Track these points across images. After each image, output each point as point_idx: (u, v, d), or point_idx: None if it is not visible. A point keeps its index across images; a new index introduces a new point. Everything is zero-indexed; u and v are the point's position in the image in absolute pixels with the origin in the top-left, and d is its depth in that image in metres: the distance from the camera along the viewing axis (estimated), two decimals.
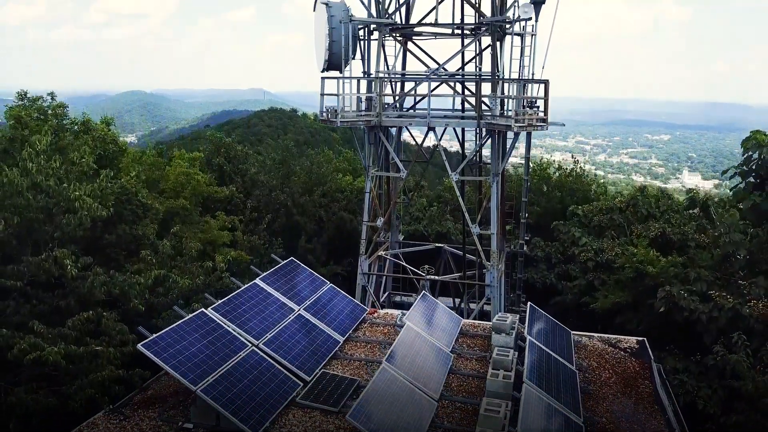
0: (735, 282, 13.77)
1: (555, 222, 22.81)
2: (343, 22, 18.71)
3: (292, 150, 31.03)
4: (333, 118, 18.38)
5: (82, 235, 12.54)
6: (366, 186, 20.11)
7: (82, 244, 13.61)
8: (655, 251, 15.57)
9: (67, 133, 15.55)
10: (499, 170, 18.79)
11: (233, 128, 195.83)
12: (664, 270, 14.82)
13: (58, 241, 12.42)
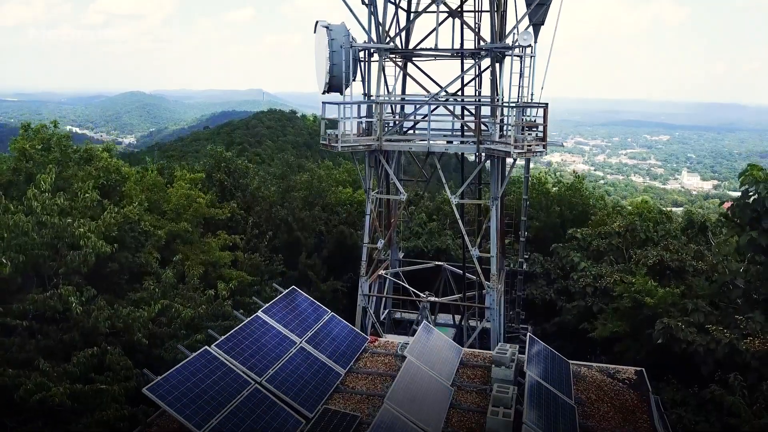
0: (732, 314, 13.91)
1: (554, 245, 22.96)
2: (343, 47, 18.84)
3: (293, 164, 31.11)
4: (334, 143, 18.50)
5: (86, 271, 12.67)
6: (366, 208, 20.24)
7: (85, 273, 13.73)
8: (653, 280, 15.72)
9: (71, 162, 15.67)
10: (498, 194, 18.93)
11: (232, 130, 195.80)
12: (661, 300, 14.98)
13: (63, 276, 12.55)
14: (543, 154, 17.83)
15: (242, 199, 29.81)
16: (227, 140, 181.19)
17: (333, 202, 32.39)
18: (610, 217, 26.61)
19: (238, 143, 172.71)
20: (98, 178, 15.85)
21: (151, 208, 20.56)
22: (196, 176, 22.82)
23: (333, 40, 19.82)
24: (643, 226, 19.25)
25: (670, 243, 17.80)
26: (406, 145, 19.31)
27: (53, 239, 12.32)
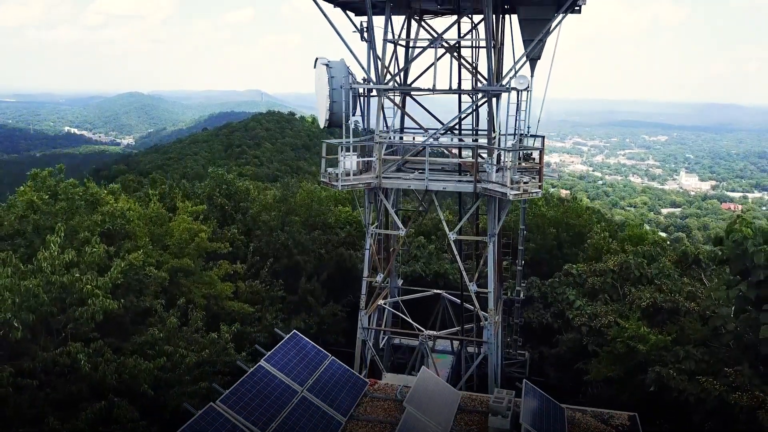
0: (723, 359, 14.28)
1: (551, 279, 23.36)
2: (343, 87, 19.19)
3: (293, 188, 31.46)
4: (334, 181, 18.85)
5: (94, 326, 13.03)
6: (366, 243, 20.58)
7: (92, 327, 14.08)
8: (646, 323, 16.08)
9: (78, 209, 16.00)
10: (495, 231, 19.28)
11: (231, 132, 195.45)
12: (653, 347, 15.35)
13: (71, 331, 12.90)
14: (538, 195, 18.18)
15: (242, 221, 30.19)
16: (226, 142, 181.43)
17: (332, 222, 32.76)
18: (606, 242, 26.97)
19: (237, 145, 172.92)
20: (104, 223, 16.19)
21: (154, 240, 20.91)
22: (198, 208, 23.13)
23: (333, 78, 20.22)
24: (637, 262, 19.63)
25: (663, 283, 18.19)
26: (404, 183, 19.64)
27: (61, 294, 12.66)
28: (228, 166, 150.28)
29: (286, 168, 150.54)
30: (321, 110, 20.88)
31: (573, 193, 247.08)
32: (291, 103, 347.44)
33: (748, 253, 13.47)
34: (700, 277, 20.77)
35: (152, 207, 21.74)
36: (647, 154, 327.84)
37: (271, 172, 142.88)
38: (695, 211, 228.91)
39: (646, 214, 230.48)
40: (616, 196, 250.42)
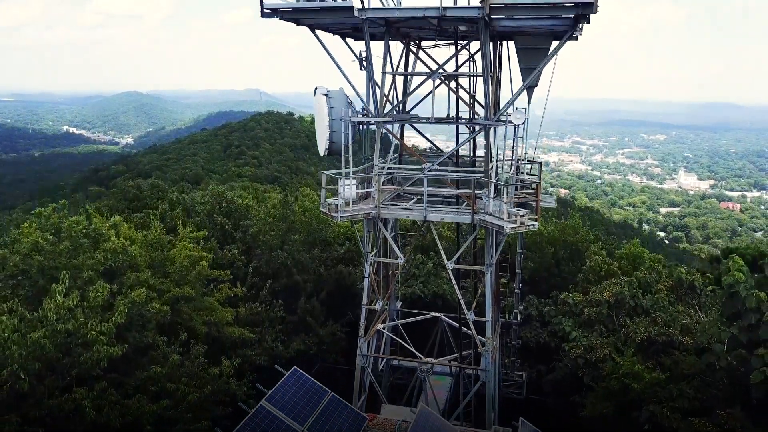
0: (716, 398, 14.54)
1: (547, 307, 23.64)
2: (343, 119, 19.40)
3: (293, 206, 31.67)
4: (334, 212, 19.08)
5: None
6: (365, 271, 20.81)
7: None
8: (640, 359, 16.34)
9: (81, 247, 16.23)
10: (492, 261, 19.51)
11: (230, 132, 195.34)
12: (648, 385, 15.61)
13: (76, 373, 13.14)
14: (535, 227, 18.41)
15: (242, 240, 30.42)
16: (225, 143, 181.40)
17: (332, 238, 33.00)
18: (604, 262, 27.22)
19: (236, 146, 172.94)
20: (107, 260, 16.42)
21: (154, 267, 21.14)
22: (199, 234, 23.36)
23: (332, 108, 20.43)
24: (632, 292, 19.90)
25: (658, 315, 18.46)
26: (403, 213, 19.86)
27: (66, 339, 12.90)
28: (227, 166, 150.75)
29: (285, 168, 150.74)
30: (321, 139, 21.07)
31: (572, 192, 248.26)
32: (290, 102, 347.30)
33: (740, 296, 13.73)
34: (694, 303, 21.04)
35: (153, 233, 21.94)
36: (646, 153, 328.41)
37: (270, 173, 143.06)
38: (694, 210, 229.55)
39: (644, 213, 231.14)
40: (614, 196, 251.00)
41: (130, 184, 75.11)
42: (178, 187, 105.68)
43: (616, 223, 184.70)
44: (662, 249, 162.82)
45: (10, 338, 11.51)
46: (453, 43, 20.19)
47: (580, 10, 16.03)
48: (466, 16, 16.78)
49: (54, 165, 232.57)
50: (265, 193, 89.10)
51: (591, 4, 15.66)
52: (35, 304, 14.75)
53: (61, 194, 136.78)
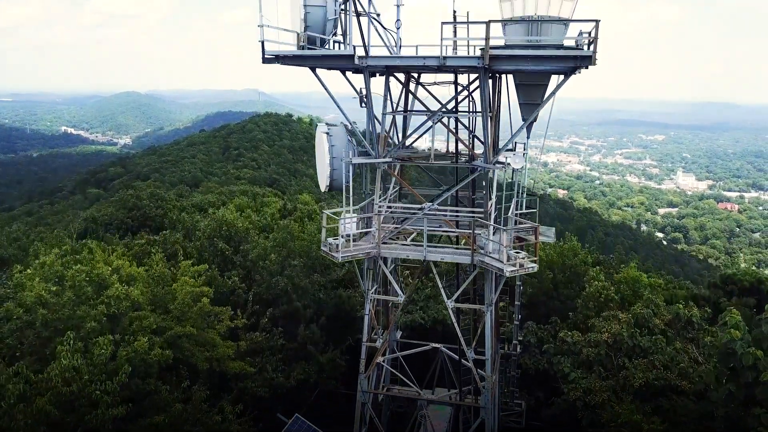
0: None
1: (546, 345, 23.80)
2: (343, 161, 19.52)
3: (293, 231, 31.80)
4: (335, 252, 19.20)
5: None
6: (365, 308, 20.95)
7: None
8: (638, 403, 16.48)
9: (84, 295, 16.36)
10: (492, 300, 19.66)
11: (228, 134, 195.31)
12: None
13: None
14: (534, 269, 18.54)
15: (242, 264, 30.56)
16: (223, 145, 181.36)
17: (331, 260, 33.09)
18: (604, 289, 27.39)
19: (235, 148, 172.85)
20: (110, 307, 16.54)
21: (156, 303, 21.28)
22: (200, 268, 23.50)
23: (333, 147, 20.57)
24: (630, 332, 20.05)
25: (656, 358, 18.63)
26: (403, 252, 19.99)
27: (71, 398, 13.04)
28: (225, 169, 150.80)
29: (283, 171, 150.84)
30: (322, 175, 21.21)
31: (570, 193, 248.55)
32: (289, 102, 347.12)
33: (736, 353, 13.88)
34: (693, 336, 21.20)
35: (154, 267, 22.07)
36: (644, 154, 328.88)
37: (268, 175, 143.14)
38: (692, 211, 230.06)
39: (643, 214, 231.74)
40: (613, 196, 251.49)
41: (129, 192, 75.41)
42: (176, 190, 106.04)
43: (615, 224, 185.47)
44: (660, 250, 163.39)
45: (15, 407, 11.66)
46: (453, 82, 20.31)
47: (579, 62, 16.20)
48: (467, 66, 16.92)
49: (52, 166, 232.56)
50: (264, 198, 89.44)
51: (589, 57, 15.82)
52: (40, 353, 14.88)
53: (60, 196, 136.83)
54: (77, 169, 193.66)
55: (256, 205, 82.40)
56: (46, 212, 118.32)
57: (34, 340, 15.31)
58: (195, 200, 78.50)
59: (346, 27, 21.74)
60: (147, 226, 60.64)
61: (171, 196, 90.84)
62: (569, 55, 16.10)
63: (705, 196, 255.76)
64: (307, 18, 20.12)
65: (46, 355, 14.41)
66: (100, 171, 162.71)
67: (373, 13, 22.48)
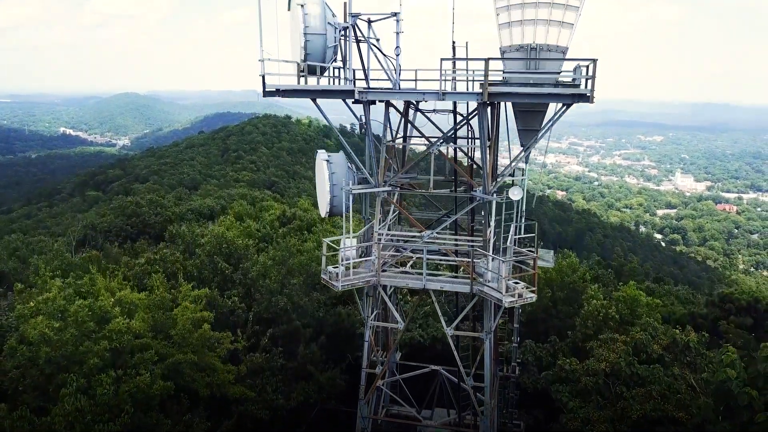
0: None
1: (545, 372, 23.94)
2: (343, 189, 19.63)
3: (292, 249, 31.91)
4: (335, 281, 19.32)
5: None
6: (365, 335, 21.07)
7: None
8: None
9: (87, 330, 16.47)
10: (491, 328, 19.79)
11: (227, 136, 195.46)
12: None
13: None
14: (533, 299, 18.67)
15: (242, 282, 30.65)
16: (222, 147, 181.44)
17: None
18: (603, 307, 27.54)
19: (234, 150, 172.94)
20: (112, 341, 16.65)
21: (157, 329, 21.38)
22: (201, 292, 23.61)
23: (333, 174, 20.71)
24: (628, 361, 20.19)
25: (654, 389, 18.76)
26: (403, 281, 20.11)
27: None
28: (224, 171, 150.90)
29: (282, 173, 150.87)
30: (322, 202, 21.33)
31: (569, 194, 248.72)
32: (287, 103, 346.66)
33: (732, 393, 14.01)
34: (690, 361, 21.33)
35: (156, 293, 22.18)
36: (643, 155, 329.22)
37: (267, 177, 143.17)
38: (690, 212, 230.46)
39: (641, 215, 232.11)
40: (611, 197, 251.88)
41: (129, 200, 75.41)
42: (175, 193, 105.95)
43: (613, 226, 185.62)
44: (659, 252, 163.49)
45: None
46: (452, 110, 20.43)
47: (577, 99, 16.33)
48: (466, 102, 17.04)
49: (51, 167, 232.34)
50: (263, 202, 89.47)
51: (588, 96, 15.95)
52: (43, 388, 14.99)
53: (58, 198, 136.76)
54: (76, 170, 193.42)
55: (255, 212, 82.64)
56: (44, 215, 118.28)
57: (38, 376, 15.42)
58: (194, 205, 78.59)
59: (346, 54, 21.96)
60: (146, 233, 60.84)
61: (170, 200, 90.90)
62: (567, 93, 16.22)
63: (703, 198, 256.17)
64: (307, 46, 20.30)
65: (49, 391, 14.51)
66: (98, 173, 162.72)
67: (372, 38, 22.66)
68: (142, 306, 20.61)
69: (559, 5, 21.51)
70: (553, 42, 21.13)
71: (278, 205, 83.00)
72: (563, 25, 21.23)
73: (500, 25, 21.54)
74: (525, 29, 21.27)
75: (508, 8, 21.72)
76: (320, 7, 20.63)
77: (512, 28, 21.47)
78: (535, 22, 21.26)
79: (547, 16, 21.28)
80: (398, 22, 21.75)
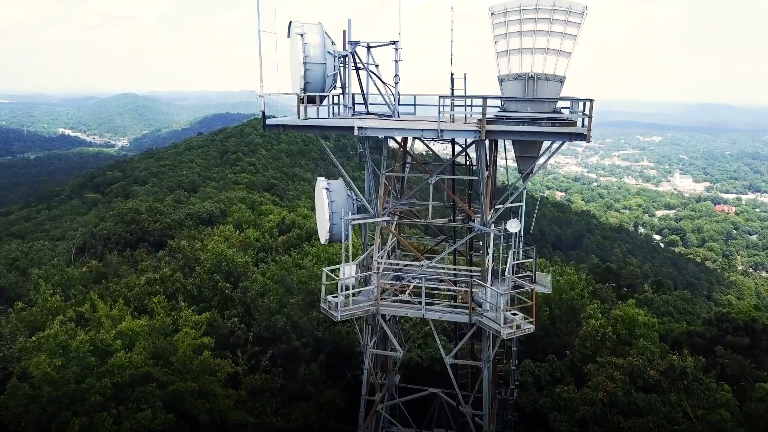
0: None
1: (543, 400, 24.09)
2: (343, 219, 19.77)
3: (291, 268, 32.02)
4: (334, 311, 19.46)
5: None
6: (365, 362, 21.21)
7: None
8: None
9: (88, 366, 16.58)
10: (489, 357, 19.94)
11: (226, 138, 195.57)
12: None
13: None
14: (531, 330, 18.80)
15: (242, 300, 30.75)
16: (221, 148, 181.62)
17: None
18: (601, 327, 27.72)
19: (233, 152, 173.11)
20: (113, 377, 16.77)
21: (158, 356, 21.50)
22: (201, 317, 23.74)
23: (333, 202, 20.88)
24: (625, 389, 20.34)
25: (651, 420, 18.91)
26: (402, 310, 20.25)
27: None
28: (223, 173, 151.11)
29: (281, 175, 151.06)
30: (322, 229, 21.49)
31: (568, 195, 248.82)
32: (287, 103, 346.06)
33: None
34: (687, 386, 21.47)
35: (156, 318, 22.31)
36: (641, 155, 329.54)
37: (266, 179, 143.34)
38: (689, 213, 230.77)
39: (640, 216, 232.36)
40: (610, 198, 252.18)
41: (128, 206, 75.44)
42: (174, 196, 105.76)
43: (612, 228, 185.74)
44: (658, 254, 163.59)
45: None
46: (450, 140, 20.56)
47: (574, 138, 16.47)
48: (464, 138, 17.17)
49: (50, 168, 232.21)
50: (262, 206, 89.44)
51: (584, 135, 16.08)
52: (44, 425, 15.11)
53: (57, 200, 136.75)
54: (75, 172, 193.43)
55: (254, 216, 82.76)
56: (43, 217, 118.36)
57: (40, 413, 15.54)
58: (193, 209, 78.68)
59: (346, 81, 22.15)
60: (145, 240, 60.96)
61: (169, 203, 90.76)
62: (564, 132, 16.36)
63: (702, 198, 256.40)
64: (306, 75, 20.49)
65: (51, 429, 14.62)
66: (97, 175, 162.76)
67: (372, 63, 22.82)
68: (143, 334, 20.71)
69: (556, 34, 21.71)
70: (551, 71, 21.30)
71: (277, 210, 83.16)
72: (561, 53, 21.40)
73: (498, 53, 21.69)
74: (523, 58, 21.45)
75: (506, 36, 21.91)
76: (320, 36, 20.81)
77: (510, 56, 21.62)
78: (533, 50, 21.46)
79: (545, 45, 21.47)
80: (397, 51, 21.96)
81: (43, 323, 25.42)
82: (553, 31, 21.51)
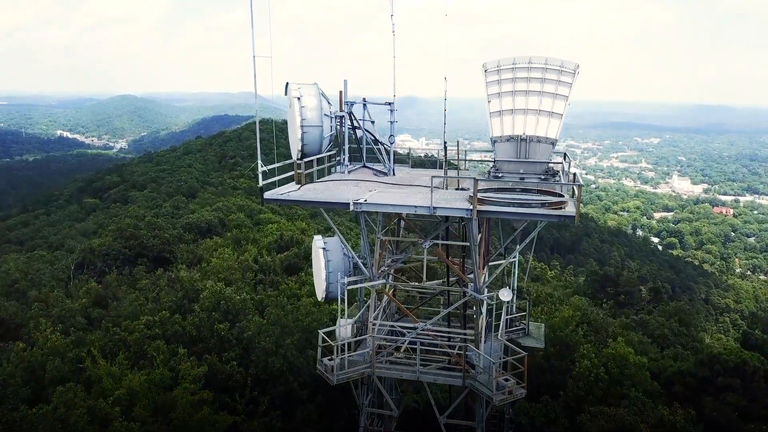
0: None
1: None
2: (338, 282, 20.13)
3: (286, 308, 32.38)
4: (330, 374, 19.84)
5: None
6: (360, 421, 21.59)
7: None
8: None
9: None
10: (483, 417, 20.31)
11: (225, 141, 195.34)
12: None
13: None
14: (523, 395, 19.17)
15: (239, 340, 31.08)
16: (219, 153, 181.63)
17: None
18: (594, 367, 28.16)
19: (231, 156, 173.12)
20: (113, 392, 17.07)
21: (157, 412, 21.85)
22: (200, 370, 24.10)
23: (329, 262, 21.34)
24: None
25: None
26: (397, 373, 20.60)
27: None
28: (222, 178, 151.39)
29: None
30: (319, 287, 21.92)
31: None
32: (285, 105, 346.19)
33: None
34: None
35: (156, 372, 22.66)
36: (640, 157, 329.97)
37: None
38: (687, 215, 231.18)
39: (638, 218, 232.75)
40: (608, 200, 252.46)
41: (126, 221, 75.61)
42: (173, 202, 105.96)
43: (611, 230, 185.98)
44: (656, 257, 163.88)
45: None
46: None
47: (563, 219, 16.84)
48: (456, 216, 17.53)
49: (48, 171, 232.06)
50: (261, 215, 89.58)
51: (573, 217, 16.43)
52: None
53: (56, 205, 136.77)
54: (73, 174, 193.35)
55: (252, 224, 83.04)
56: (42, 223, 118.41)
57: None
58: (192, 219, 78.99)
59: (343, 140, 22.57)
60: (144, 256, 61.25)
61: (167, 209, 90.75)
62: (554, 214, 16.72)
63: (700, 200, 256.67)
64: (304, 137, 20.94)
65: None
66: (96, 179, 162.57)
67: (368, 119, 23.21)
68: (143, 392, 21.06)
69: (548, 94, 22.12)
70: (543, 134, 21.73)
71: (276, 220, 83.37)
72: (552, 115, 21.83)
73: (491, 113, 22.11)
74: (515, 118, 21.87)
75: (500, 95, 22.33)
76: (316, 99, 21.24)
77: (503, 117, 22.03)
78: (525, 111, 21.90)
79: (537, 106, 21.90)
80: (392, 112, 22.39)
81: (44, 362, 25.95)
82: (545, 92, 21.92)
